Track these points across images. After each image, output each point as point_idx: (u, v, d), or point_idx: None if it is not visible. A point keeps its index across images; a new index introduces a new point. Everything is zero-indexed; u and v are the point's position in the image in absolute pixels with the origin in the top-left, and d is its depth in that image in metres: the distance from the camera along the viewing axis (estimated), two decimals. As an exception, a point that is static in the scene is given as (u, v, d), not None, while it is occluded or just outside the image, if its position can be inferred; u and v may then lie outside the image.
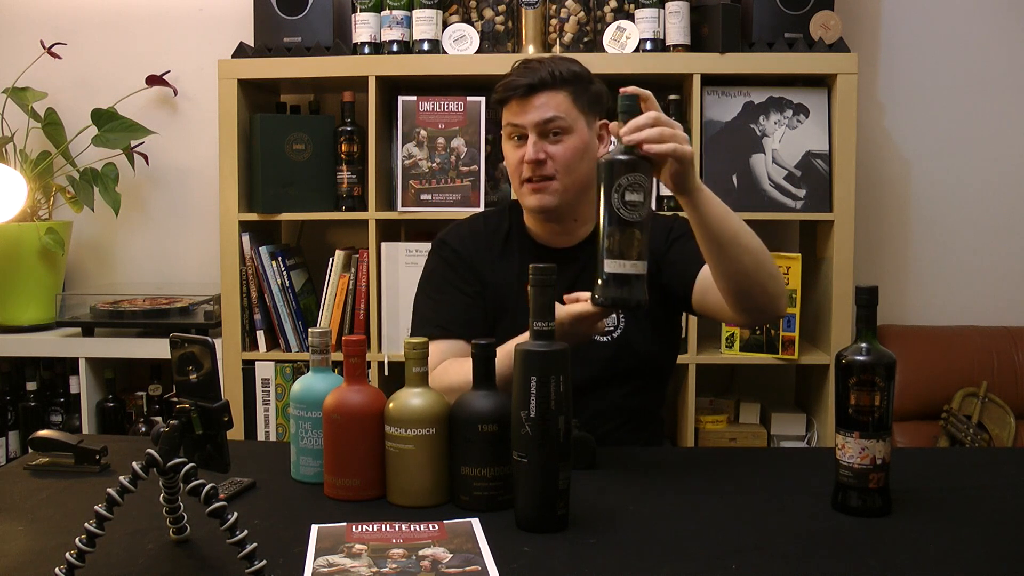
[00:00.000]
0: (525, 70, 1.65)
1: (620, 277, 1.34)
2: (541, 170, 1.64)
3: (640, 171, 1.34)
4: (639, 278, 1.36)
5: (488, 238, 1.77)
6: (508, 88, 1.65)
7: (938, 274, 2.89)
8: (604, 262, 1.35)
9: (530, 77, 1.63)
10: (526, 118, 1.64)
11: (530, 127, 1.64)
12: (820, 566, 1.12)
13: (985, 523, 1.26)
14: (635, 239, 1.34)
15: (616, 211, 1.34)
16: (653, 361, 1.75)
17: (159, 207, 2.98)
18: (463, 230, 1.80)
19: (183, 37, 2.92)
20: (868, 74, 2.82)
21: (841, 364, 1.28)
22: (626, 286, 1.35)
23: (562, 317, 1.42)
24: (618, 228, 1.34)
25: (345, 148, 2.60)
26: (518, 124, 1.65)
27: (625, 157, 1.35)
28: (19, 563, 1.14)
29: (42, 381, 2.76)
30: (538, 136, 1.64)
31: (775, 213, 2.54)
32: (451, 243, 1.77)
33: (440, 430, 1.31)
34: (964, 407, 2.58)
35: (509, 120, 1.67)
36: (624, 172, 1.34)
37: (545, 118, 1.63)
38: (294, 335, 2.58)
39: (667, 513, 1.29)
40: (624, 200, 1.34)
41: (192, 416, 1.13)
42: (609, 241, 1.35)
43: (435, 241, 1.80)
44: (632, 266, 1.35)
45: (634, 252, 1.34)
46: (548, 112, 1.63)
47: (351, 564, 1.11)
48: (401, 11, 2.53)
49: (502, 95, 1.67)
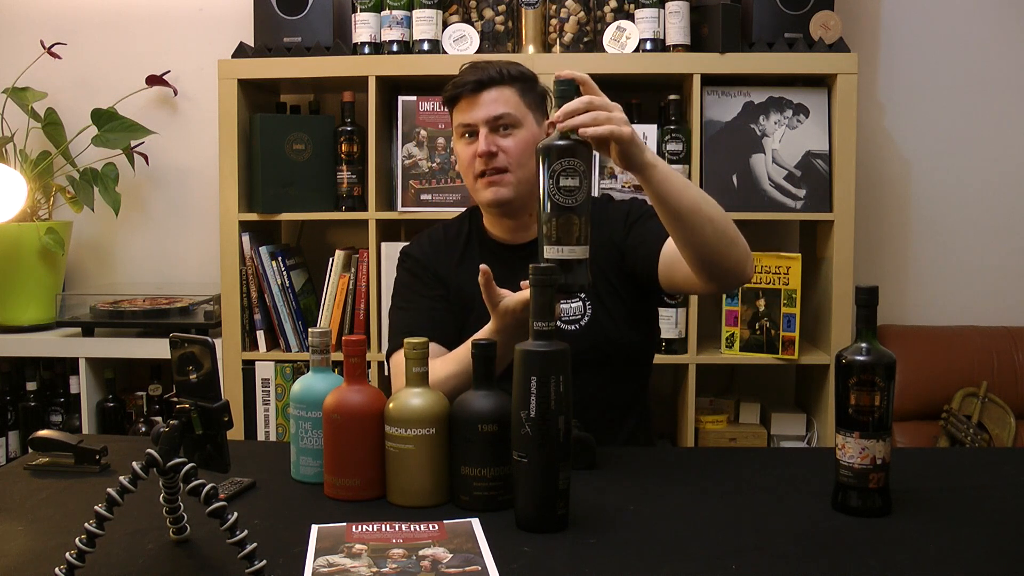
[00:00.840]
0: (473, 69, 1.69)
1: (561, 263, 1.35)
2: (494, 162, 1.67)
3: (576, 156, 1.35)
4: (580, 263, 1.36)
5: (448, 244, 1.81)
6: (457, 86, 1.69)
7: (938, 274, 2.89)
8: (543, 248, 1.37)
9: (478, 75, 1.67)
10: (476, 114, 1.67)
11: (480, 123, 1.67)
12: (820, 566, 1.12)
13: (985, 523, 1.26)
14: (573, 224, 1.35)
15: (551, 197, 1.35)
16: (627, 348, 1.75)
17: (159, 207, 2.98)
18: (423, 240, 1.84)
19: (183, 37, 2.92)
20: (868, 74, 2.82)
21: (841, 364, 1.28)
22: (568, 272, 1.35)
23: (514, 306, 1.45)
24: (555, 214, 1.35)
25: (345, 148, 2.60)
26: (469, 123, 1.68)
27: (560, 143, 1.35)
28: (19, 563, 1.14)
29: (42, 381, 2.76)
30: (489, 131, 1.67)
31: (775, 213, 2.54)
32: (413, 254, 1.82)
33: (440, 430, 1.31)
34: (964, 407, 2.58)
35: (460, 120, 1.70)
36: (558, 157, 1.35)
37: (495, 114, 1.66)
38: (294, 335, 2.58)
39: (667, 513, 1.29)
40: (559, 186, 1.34)
41: (192, 416, 1.13)
42: (547, 227, 1.36)
43: (400, 254, 1.85)
44: (571, 251, 1.35)
45: (572, 237, 1.35)
46: (498, 107, 1.67)
47: (351, 564, 1.11)
48: (401, 11, 2.53)
49: (451, 92, 1.70)
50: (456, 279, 1.76)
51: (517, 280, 1.47)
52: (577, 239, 1.35)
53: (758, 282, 2.51)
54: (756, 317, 2.52)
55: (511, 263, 1.68)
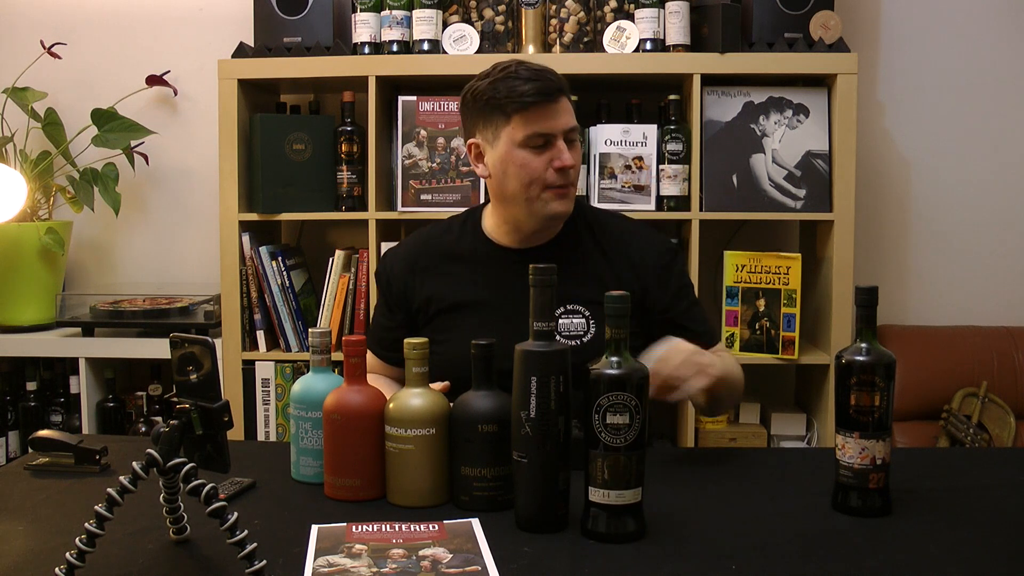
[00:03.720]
0: (536, 73, 1.58)
1: (605, 508, 1.20)
2: (570, 176, 1.62)
3: (627, 388, 1.18)
4: (630, 508, 1.20)
5: (428, 253, 1.76)
6: (527, 94, 1.56)
7: (938, 274, 2.89)
8: (589, 490, 1.21)
9: (549, 83, 1.58)
10: (556, 123, 1.58)
11: (560, 134, 1.59)
12: (820, 566, 1.12)
13: (985, 523, 1.26)
14: (620, 464, 1.19)
15: (598, 433, 1.19)
16: None
17: (159, 207, 2.98)
18: (398, 252, 1.81)
19: (183, 37, 2.92)
20: (868, 74, 2.82)
21: (841, 364, 1.28)
22: (614, 518, 1.20)
23: None
24: (601, 453, 1.19)
25: (345, 148, 2.60)
26: (547, 132, 1.58)
27: (609, 372, 1.18)
28: (19, 563, 1.14)
29: (42, 381, 2.76)
30: (563, 141, 1.61)
31: (775, 213, 2.54)
32: (383, 269, 1.80)
33: (440, 430, 1.31)
34: (964, 407, 2.58)
35: (535, 129, 1.57)
36: (606, 390, 1.18)
37: (572, 125, 1.62)
38: (294, 335, 2.58)
39: (667, 513, 1.29)
40: (605, 423, 1.18)
41: (192, 416, 1.13)
42: (592, 467, 1.20)
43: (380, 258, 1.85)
44: (618, 496, 1.19)
45: (622, 481, 1.19)
46: (571, 119, 1.62)
47: (351, 564, 1.11)
48: (401, 11, 2.53)
49: (527, 99, 1.56)
50: (431, 289, 1.72)
51: (520, 284, 1.35)
52: (627, 482, 1.19)
53: (758, 282, 2.52)
54: (756, 317, 2.52)
55: (516, 267, 1.61)
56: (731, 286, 2.54)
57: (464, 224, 1.78)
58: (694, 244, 2.48)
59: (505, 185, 1.63)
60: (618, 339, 1.20)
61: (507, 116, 1.59)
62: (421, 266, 1.75)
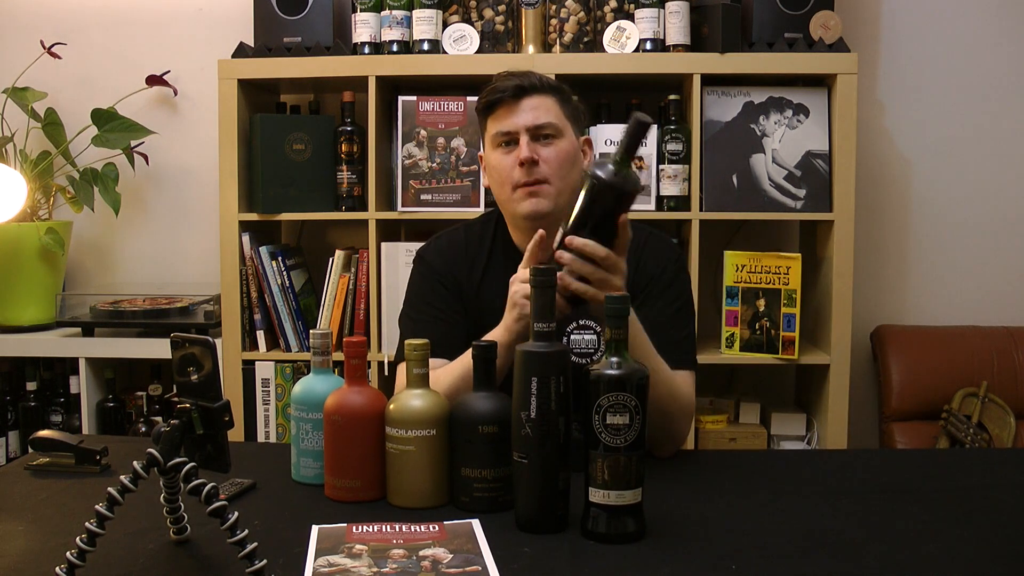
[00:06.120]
0: (510, 76, 1.61)
1: (605, 509, 1.20)
2: (534, 172, 1.58)
3: (626, 388, 1.18)
4: (630, 509, 1.20)
5: (468, 248, 1.72)
6: (495, 92, 1.61)
7: (938, 274, 2.89)
8: (589, 490, 1.20)
9: (518, 81, 1.60)
10: (517, 121, 1.59)
11: (522, 130, 1.58)
12: (820, 566, 1.12)
13: (985, 523, 1.26)
14: (620, 465, 1.19)
15: (598, 434, 1.18)
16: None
17: (159, 207, 2.98)
18: (441, 243, 1.75)
19: (183, 37, 2.92)
20: (868, 74, 2.82)
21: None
22: (615, 519, 1.20)
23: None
24: (601, 454, 1.19)
25: (345, 148, 2.60)
26: (509, 130, 1.60)
27: (609, 373, 1.18)
28: (19, 563, 1.14)
29: (42, 381, 2.76)
30: (530, 139, 1.59)
31: (775, 213, 2.54)
32: (428, 258, 1.73)
33: (440, 431, 1.31)
34: (964, 407, 2.58)
35: (498, 128, 1.61)
36: (606, 390, 1.18)
37: (538, 122, 1.59)
38: (294, 335, 2.58)
39: (666, 513, 1.29)
40: (605, 423, 1.18)
41: (193, 416, 1.13)
42: (592, 467, 1.19)
43: (416, 255, 1.77)
44: (618, 496, 1.19)
45: (622, 481, 1.19)
46: (540, 115, 1.59)
47: (351, 564, 1.11)
48: (401, 11, 2.53)
49: (490, 98, 1.61)
50: (475, 287, 1.69)
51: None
52: (627, 483, 1.19)
53: (758, 282, 2.52)
54: (756, 317, 2.53)
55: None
56: (731, 286, 2.54)
57: (496, 224, 1.74)
58: (694, 244, 2.48)
59: (493, 190, 1.67)
60: (618, 340, 1.20)
61: (484, 120, 1.66)
62: (465, 259, 1.71)
